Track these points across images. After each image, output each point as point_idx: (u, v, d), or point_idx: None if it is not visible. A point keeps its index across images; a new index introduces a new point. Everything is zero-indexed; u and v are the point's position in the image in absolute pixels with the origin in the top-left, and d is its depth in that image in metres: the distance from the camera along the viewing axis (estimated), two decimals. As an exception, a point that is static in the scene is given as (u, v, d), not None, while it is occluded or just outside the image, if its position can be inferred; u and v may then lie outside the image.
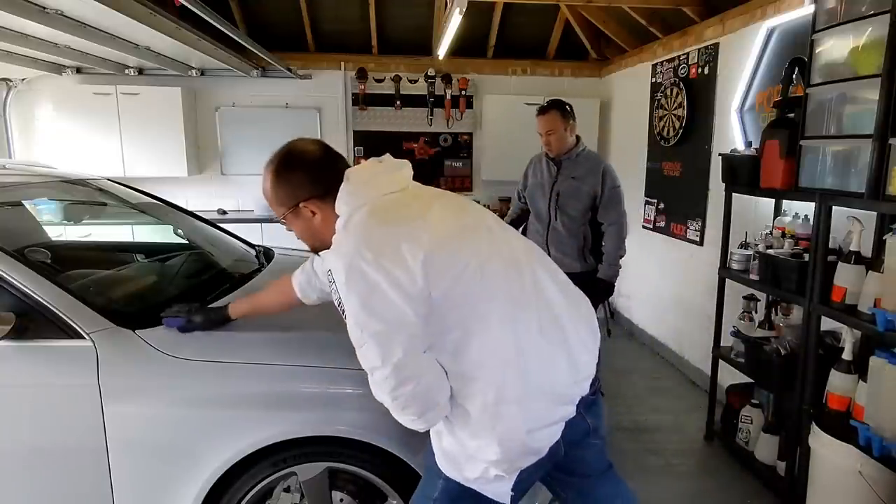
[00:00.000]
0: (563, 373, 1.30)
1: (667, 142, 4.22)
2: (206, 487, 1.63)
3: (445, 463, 1.32)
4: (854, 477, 1.91)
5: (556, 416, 1.30)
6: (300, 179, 1.32)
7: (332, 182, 1.30)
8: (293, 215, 1.35)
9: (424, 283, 1.15)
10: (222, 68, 4.89)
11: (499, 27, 5.15)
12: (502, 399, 1.22)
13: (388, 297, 1.14)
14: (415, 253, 1.15)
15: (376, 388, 1.22)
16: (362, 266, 1.14)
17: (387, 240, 1.18)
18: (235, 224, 4.12)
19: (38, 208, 2.81)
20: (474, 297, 1.21)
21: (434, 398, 1.22)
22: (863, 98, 2.06)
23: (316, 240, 1.37)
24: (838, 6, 2.15)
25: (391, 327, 1.15)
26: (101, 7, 2.72)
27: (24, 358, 1.61)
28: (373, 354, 1.17)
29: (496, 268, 1.26)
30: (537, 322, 1.27)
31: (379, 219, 1.23)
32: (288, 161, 1.35)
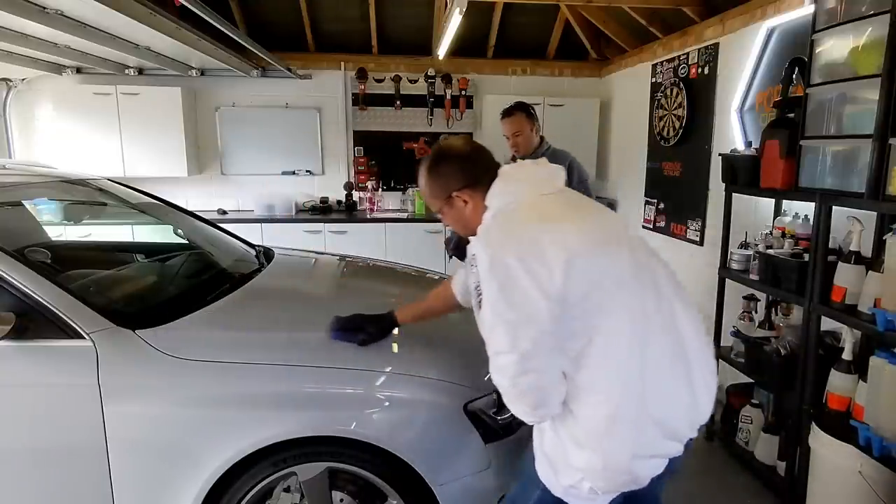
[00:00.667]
0: (682, 409, 1.29)
1: (667, 142, 4.22)
2: (207, 487, 1.63)
3: (545, 466, 1.33)
4: (854, 477, 1.91)
5: (664, 450, 1.29)
6: (451, 171, 1.41)
7: (480, 172, 1.39)
8: (448, 206, 1.43)
9: (563, 284, 1.18)
10: (222, 68, 4.89)
11: (499, 27, 5.15)
12: (616, 418, 1.22)
13: (526, 291, 1.17)
14: (558, 253, 1.18)
15: (498, 372, 1.24)
16: (506, 258, 1.19)
17: (533, 237, 1.22)
18: (235, 224, 4.12)
19: (38, 208, 2.81)
20: (605, 310, 1.22)
21: (549, 397, 1.23)
22: (863, 98, 2.06)
23: (467, 228, 1.42)
24: (838, 6, 2.15)
25: (523, 319, 1.18)
26: (101, 7, 2.72)
27: (24, 358, 1.61)
28: (502, 339, 1.20)
29: (634, 288, 1.26)
30: (667, 353, 1.26)
31: (528, 216, 1.28)
32: (439, 156, 1.45)
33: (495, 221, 1.32)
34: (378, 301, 2.48)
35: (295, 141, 5.39)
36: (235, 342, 1.79)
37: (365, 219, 5.22)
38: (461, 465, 1.72)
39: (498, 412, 1.78)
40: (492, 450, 1.73)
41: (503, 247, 1.22)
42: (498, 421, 1.77)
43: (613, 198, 5.41)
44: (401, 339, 2.04)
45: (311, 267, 2.90)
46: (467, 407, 1.71)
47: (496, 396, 1.79)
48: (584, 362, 1.23)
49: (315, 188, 5.53)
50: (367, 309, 1.85)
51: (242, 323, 1.95)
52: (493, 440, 1.74)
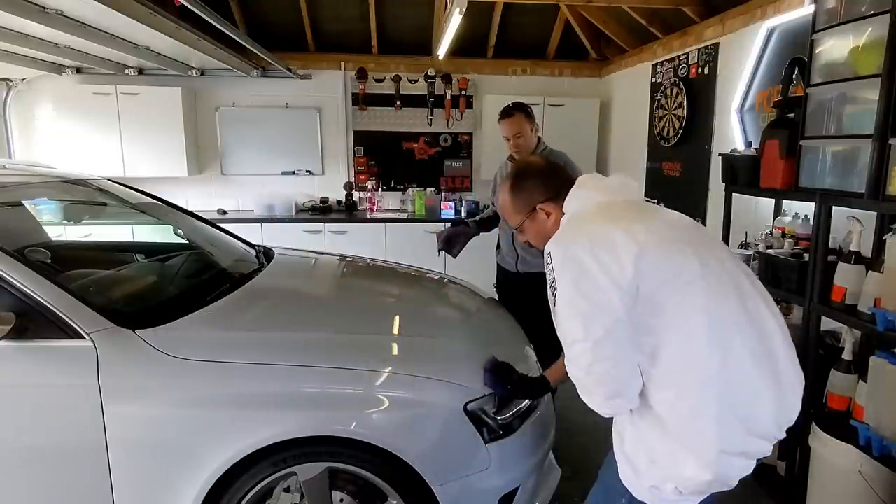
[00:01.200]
0: (767, 409, 1.27)
1: (667, 142, 4.22)
2: (206, 487, 1.63)
3: (626, 468, 1.33)
4: (854, 477, 1.91)
5: (751, 448, 1.28)
6: (534, 184, 1.48)
7: (560, 186, 1.45)
8: (530, 220, 1.50)
9: (634, 275, 1.20)
10: (222, 68, 4.89)
11: (499, 27, 5.15)
12: (698, 415, 1.22)
13: (598, 282, 1.20)
14: (629, 246, 1.21)
15: (572, 362, 1.26)
16: (578, 252, 1.24)
17: (604, 231, 1.26)
18: (235, 224, 4.13)
19: (38, 208, 2.82)
20: (682, 307, 1.22)
21: (625, 386, 1.24)
22: (863, 98, 2.06)
23: (547, 239, 1.42)
24: (838, 6, 2.15)
25: (596, 308, 1.21)
26: (101, 7, 2.72)
27: (24, 358, 1.61)
28: (576, 328, 1.23)
29: (713, 287, 1.25)
30: (750, 351, 1.25)
31: (600, 215, 1.33)
32: (521, 172, 1.53)
33: (570, 221, 1.38)
34: (378, 301, 2.49)
35: (295, 141, 5.40)
36: (235, 342, 1.79)
37: (365, 219, 5.22)
38: (461, 464, 1.72)
39: (498, 412, 1.78)
40: (492, 450, 1.73)
41: (575, 241, 1.26)
42: (498, 421, 1.77)
43: (613, 198, 5.40)
44: (401, 339, 2.04)
45: (311, 267, 2.90)
46: (467, 407, 1.71)
47: (497, 396, 1.79)
48: (658, 358, 1.23)
49: (315, 188, 5.53)
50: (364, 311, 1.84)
51: (242, 323, 1.95)
52: (493, 440, 1.74)
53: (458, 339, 2.14)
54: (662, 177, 4.36)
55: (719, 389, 1.22)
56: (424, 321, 2.29)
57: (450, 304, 2.63)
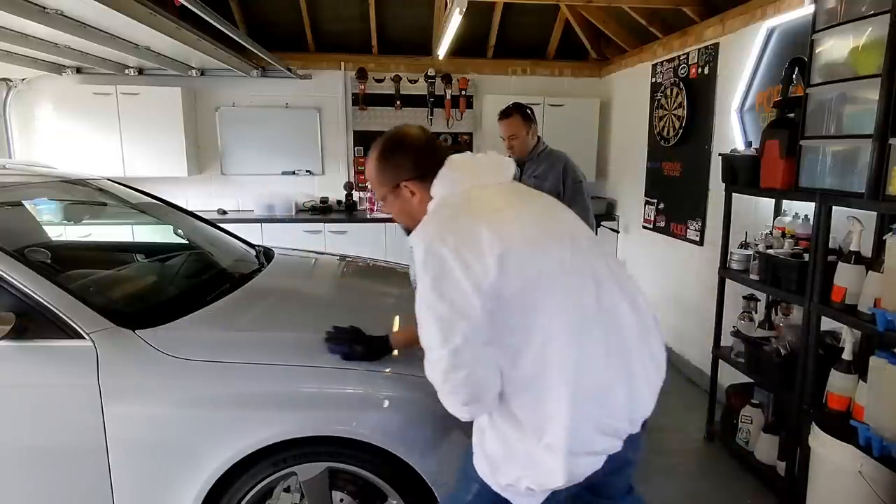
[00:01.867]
0: (619, 405, 1.28)
1: (667, 142, 4.22)
2: (206, 487, 1.63)
3: (483, 464, 1.32)
4: (854, 477, 1.91)
5: (601, 447, 1.28)
6: (403, 160, 1.38)
7: (432, 165, 1.35)
8: (393, 195, 1.41)
9: (497, 277, 1.16)
10: (222, 68, 4.89)
11: (499, 27, 5.14)
12: (551, 415, 1.21)
13: (459, 285, 1.15)
14: (494, 246, 1.17)
15: (430, 367, 1.22)
16: (441, 250, 1.17)
17: (469, 228, 1.20)
18: (235, 224, 4.12)
19: (38, 208, 2.82)
20: (541, 308, 1.20)
21: (483, 392, 1.21)
22: (863, 98, 2.06)
23: (412, 220, 1.39)
24: (838, 6, 2.15)
25: (456, 313, 1.16)
26: (101, 7, 2.72)
27: (24, 358, 1.61)
28: (433, 334, 1.18)
29: (573, 282, 1.24)
30: (605, 347, 1.25)
31: (467, 207, 1.26)
32: (393, 143, 1.41)
33: (435, 212, 1.29)
34: (378, 301, 2.49)
35: (295, 141, 5.39)
36: (235, 342, 1.79)
37: (365, 219, 5.21)
38: (461, 465, 1.72)
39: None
40: (492, 450, 1.73)
41: (439, 237, 1.19)
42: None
43: (613, 198, 5.41)
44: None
45: (311, 267, 2.90)
46: None
47: None
48: (521, 359, 1.21)
49: (315, 188, 5.53)
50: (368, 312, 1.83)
51: (242, 323, 1.95)
52: (493, 440, 1.74)
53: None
54: (662, 177, 4.36)
55: (574, 390, 1.20)
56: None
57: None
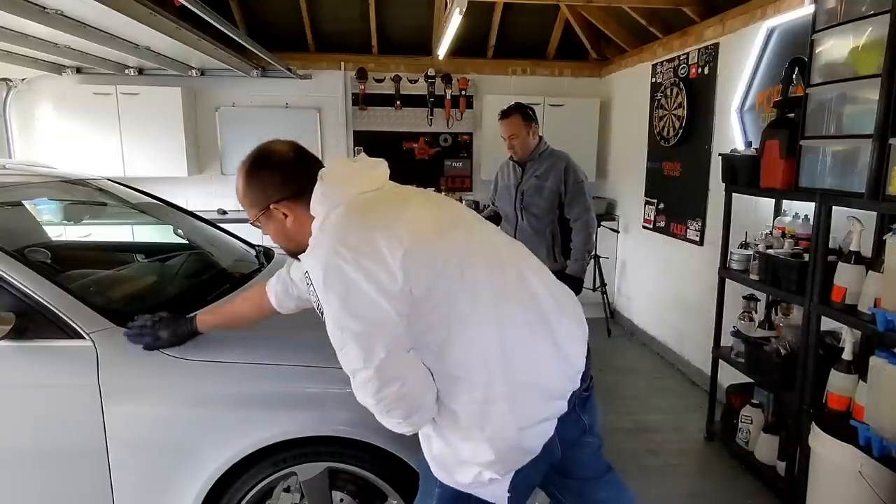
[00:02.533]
0: (552, 367, 1.28)
1: (667, 142, 4.22)
2: (207, 487, 1.63)
3: (437, 469, 1.30)
4: (854, 477, 1.91)
5: (548, 412, 1.27)
6: (270, 180, 1.30)
7: (304, 183, 1.27)
8: (265, 217, 1.33)
9: (405, 280, 1.13)
10: (222, 68, 4.89)
11: (499, 27, 5.14)
12: (490, 398, 1.20)
13: (368, 296, 1.11)
14: (394, 250, 1.13)
15: (359, 392, 1.18)
16: (341, 265, 1.11)
17: (364, 238, 1.15)
18: (235, 224, 4.11)
19: (38, 208, 2.81)
20: (455, 295, 1.18)
21: (420, 400, 1.19)
22: (863, 98, 2.06)
23: (291, 242, 1.35)
24: (838, 6, 2.15)
25: (372, 327, 1.13)
26: (101, 7, 2.72)
27: (24, 358, 1.61)
28: (354, 356, 1.14)
29: (477, 264, 1.23)
30: (522, 317, 1.25)
31: (356, 217, 1.20)
32: (258, 162, 1.34)
33: (322, 231, 1.20)
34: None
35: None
36: (235, 342, 1.79)
37: (365, 219, 5.21)
38: (461, 465, 1.72)
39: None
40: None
41: (336, 254, 1.12)
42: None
43: (613, 198, 5.41)
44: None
45: (311, 267, 2.89)
46: None
47: None
48: (447, 353, 1.19)
49: (315, 188, 5.52)
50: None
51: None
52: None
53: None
54: (662, 177, 4.36)
55: (504, 367, 1.20)
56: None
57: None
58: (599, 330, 4.84)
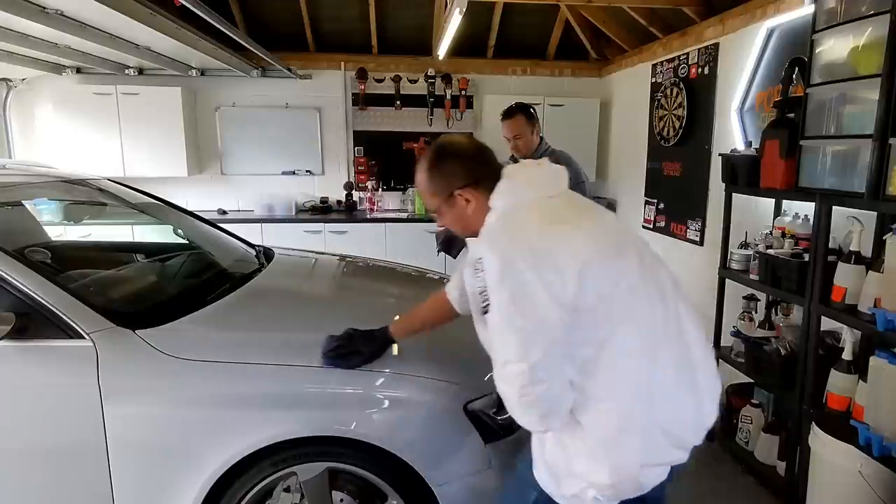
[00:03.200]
0: (688, 417, 1.28)
1: (667, 142, 4.22)
2: (207, 487, 1.63)
3: (545, 475, 1.31)
4: (854, 477, 1.91)
5: (670, 458, 1.28)
6: (455, 168, 1.36)
7: (484, 173, 1.35)
8: (447, 205, 1.38)
9: (575, 291, 1.15)
10: (222, 68, 4.89)
11: (499, 27, 5.15)
12: (626, 428, 1.21)
13: (539, 300, 1.14)
14: (571, 261, 1.16)
15: (504, 381, 1.20)
16: (519, 264, 1.16)
17: (545, 243, 1.19)
18: (235, 224, 4.12)
19: (38, 208, 2.81)
20: (618, 319, 1.20)
21: (558, 405, 1.20)
22: (863, 98, 2.06)
23: (467, 229, 1.39)
24: (838, 6, 2.15)
25: (537, 327, 1.15)
26: (101, 7, 2.72)
27: (24, 358, 1.61)
28: (512, 348, 1.16)
29: (644, 294, 1.24)
30: (674, 361, 1.25)
31: (536, 220, 1.25)
32: (442, 152, 1.40)
33: (502, 224, 1.27)
34: (378, 301, 2.49)
35: (295, 141, 5.40)
36: (236, 342, 1.79)
37: (365, 219, 5.22)
38: (461, 465, 1.72)
39: (498, 412, 1.78)
40: (492, 450, 1.73)
41: (514, 253, 1.18)
42: (498, 421, 1.77)
43: (613, 198, 5.41)
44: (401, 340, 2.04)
45: (311, 267, 2.89)
46: (467, 407, 1.71)
47: (496, 396, 1.79)
48: (593, 371, 1.20)
49: (315, 188, 5.53)
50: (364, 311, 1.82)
51: (242, 323, 1.94)
52: (493, 440, 1.74)
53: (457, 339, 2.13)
54: (662, 177, 4.36)
55: (647, 400, 1.21)
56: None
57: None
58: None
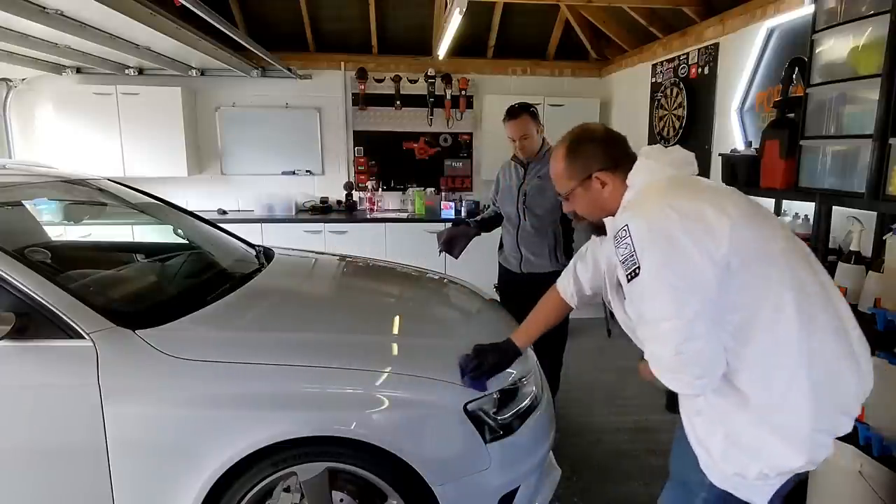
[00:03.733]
0: (851, 382, 1.26)
1: (667, 142, 4.22)
2: (207, 487, 1.63)
3: (703, 454, 1.29)
4: (854, 477, 1.91)
5: (837, 424, 1.26)
6: (595, 152, 1.40)
7: (620, 156, 1.39)
8: (583, 188, 1.43)
9: (728, 249, 1.16)
10: (222, 68, 4.89)
11: (499, 27, 5.15)
12: (791, 390, 1.19)
13: (692, 258, 1.15)
14: (721, 219, 1.17)
15: (658, 342, 1.19)
16: (670, 225, 1.17)
17: (693, 206, 1.20)
18: (235, 224, 4.12)
19: (38, 208, 2.81)
20: (771, 282, 1.19)
21: (713, 366, 1.19)
22: (863, 98, 2.06)
23: (602, 211, 1.43)
24: (838, 6, 2.15)
25: (689, 285, 1.16)
26: (101, 7, 2.72)
27: (24, 358, 1.61)
28: (666, 306, 1.16)
29: (794, 259, 1.24)
30: (832, 326, 1.24)
31: (682, 189, 1.28)
32: (580, 138, 1.44)
33: (645, 195, 1.29)
34: (378, 301, 2.49)
35: (295, 141, 5.40)
36: (235, 342, 1.79)
37: (365, 219, 5.22)
38: (461, 465, 1.72)
39: (498, 412, 1.78)
40: (492, 450, 1.73)
41: (663, 215, 1.19)
42: (498, 421, 1.77)
43: (613, 198, 5.41)
44: (401, 339, 2.04)
45: (311, 267, 2.89)
46: (467, 407, 1.71)
47: (496, 396, 1.79)
48: (749, 337, 1.20)
49: (315, 188, 5.53)
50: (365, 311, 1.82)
51: (243, 323, 1.95)
52: (493, 440, 1.74)
53: (458, 340, 2.14)
54: (662, 177, 4.36)
55: (810, 366, 1.20)
56: (424, 321, 2.28)
57: (450, 304, 2.63)
58: (599, 330, 4.84)
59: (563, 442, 2.84)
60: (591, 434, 3.07)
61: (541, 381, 2.09)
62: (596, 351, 4.45)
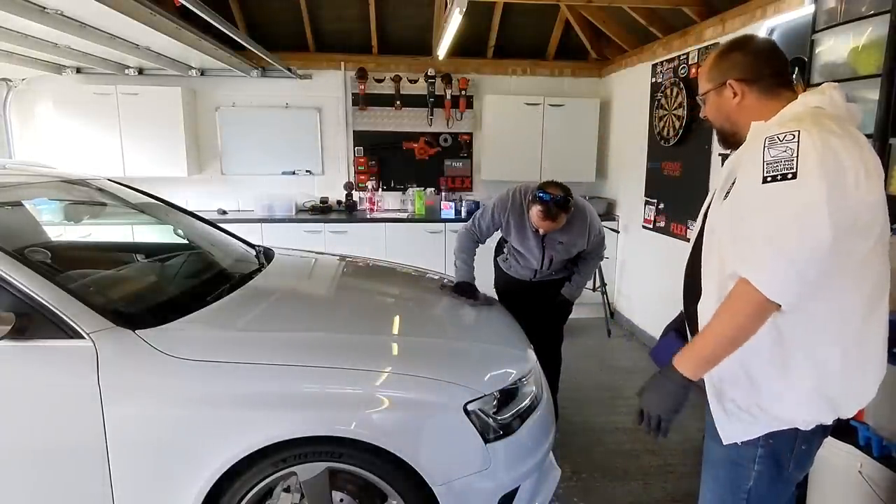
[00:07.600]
0: (878, 367, 1.34)
1: (667, 142, 4.22)
2: (207, 487, 1.63)
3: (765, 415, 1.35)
4: (854, 477, 1.91)
5: (865, 384, 1.34)
6: (740, 60, 1.37)
7: (766, 73, 1.35)
8: (715, 94, 1.41)
9: (862, 197, 1.15)
10: (222, 68, 4.89)
11: (499, 27, 5.14)
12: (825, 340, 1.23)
13: (847, 197, 1.12)
14: (860, 171, 1.15)
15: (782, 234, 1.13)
16: (847, 157, 1.14)
17: (848, 145, 1.16)
18: (235, 224, 4.13)
19: (38, 208, 2.81)
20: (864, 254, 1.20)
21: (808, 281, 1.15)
22: (863, 98, 2.06)
23: (728, 122, 1.42)
24: (838, 6, 2.15)
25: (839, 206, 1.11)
26: (101, 7, 2.72)
27: (24, 358, 1.61)
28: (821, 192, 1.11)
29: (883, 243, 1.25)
30: (884, 318, 1.29)
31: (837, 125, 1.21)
32: (736, 43, 1.41)
33: (824, 118, 1.21)
34: (378, 301, 2.49)
35: (295, 141, 5.40)
36: (235, 342, 1.79)
37: (365, 219, 5.22)
38: (461, 465, 1.72)
39: (498, 412, 1.78)
40: (492, 450, 1.73)
41: (845, 146, 1.15)
42: (498, 421, 1.77)
43: (613, 197, 5.41)
44: (401, 339, 2.04)
45: (311, 267, 2.90)
46: (467, 407, 1.71)
47: (496, 396, 1.79)
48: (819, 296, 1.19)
49: (315, 188, 5.53)
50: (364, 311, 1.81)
51: (243, 323, 1.95)
52: (493, 440, 1.74)
53: (457, 339, 2.14)
54: (662, 177, 4.36)
55: (858, 344, 1.25)
56: (424, 321, 2.29)
57: (450, 304, 2.63)
58: (599, 330, 4.84)
59: (563, 442, 2.84)
60: (591, 434, 3.07)
61: (541, 380, 2.09)
62: (596, 351, 4.45)
